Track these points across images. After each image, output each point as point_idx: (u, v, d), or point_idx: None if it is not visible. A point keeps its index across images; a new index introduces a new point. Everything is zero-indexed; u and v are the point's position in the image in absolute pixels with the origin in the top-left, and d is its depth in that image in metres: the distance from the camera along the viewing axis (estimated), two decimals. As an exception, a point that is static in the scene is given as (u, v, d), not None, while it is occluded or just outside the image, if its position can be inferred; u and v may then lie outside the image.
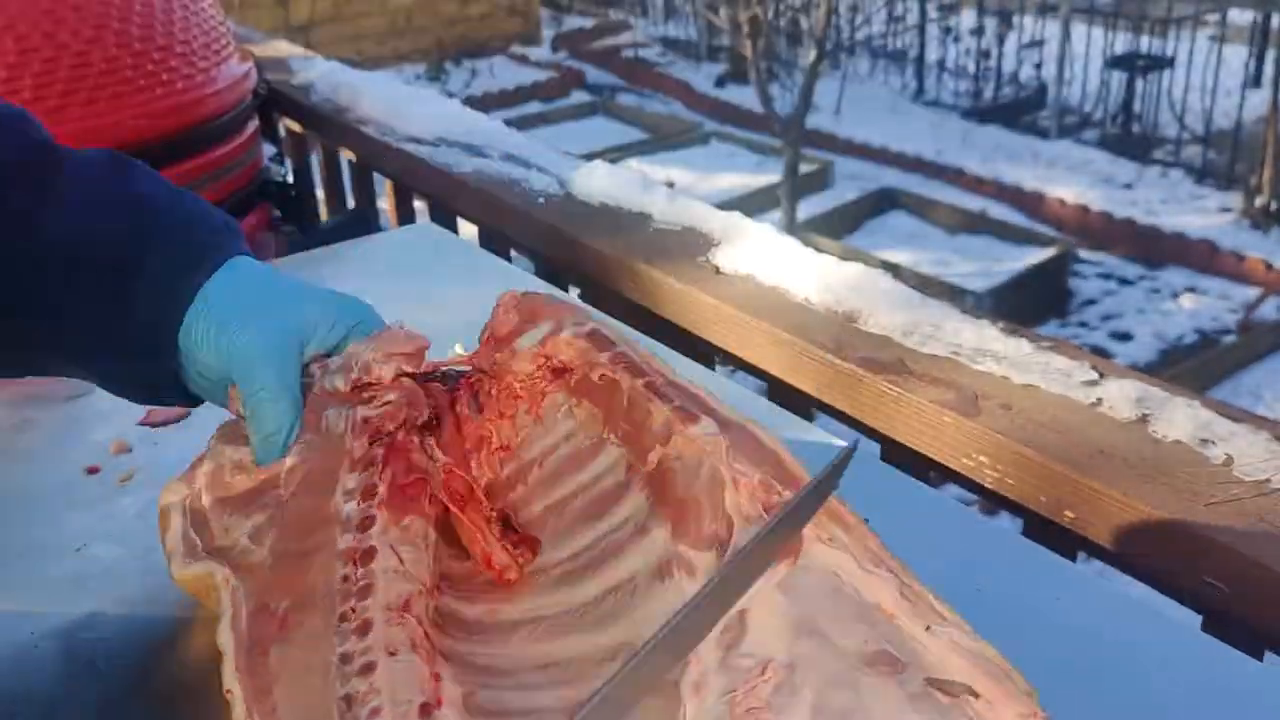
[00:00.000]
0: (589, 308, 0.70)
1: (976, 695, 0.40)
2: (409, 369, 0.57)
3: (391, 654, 0.45)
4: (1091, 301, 4.90)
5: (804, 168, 5.66)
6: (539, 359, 0.57)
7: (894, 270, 1.24)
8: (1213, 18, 6.38)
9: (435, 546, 0.52)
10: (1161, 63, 6.26)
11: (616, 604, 0.49)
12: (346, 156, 1.73)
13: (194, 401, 0.60)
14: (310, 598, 0.48)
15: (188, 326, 0.54)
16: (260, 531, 0.52)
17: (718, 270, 1.05)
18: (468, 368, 0.59)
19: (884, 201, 5.76)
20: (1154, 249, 5.24)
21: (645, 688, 0.42)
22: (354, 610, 0.47)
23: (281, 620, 0.48)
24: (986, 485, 0.80)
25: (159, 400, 0.60)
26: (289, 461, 0.54)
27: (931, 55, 7.38)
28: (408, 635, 0.46)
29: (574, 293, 1.24)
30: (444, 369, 0.59)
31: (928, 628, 0.43)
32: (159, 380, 0.57)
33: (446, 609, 0.51)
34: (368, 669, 0.44)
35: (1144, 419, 0.78)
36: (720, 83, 7.68)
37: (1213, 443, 0.75)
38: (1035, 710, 0.39)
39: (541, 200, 1.25)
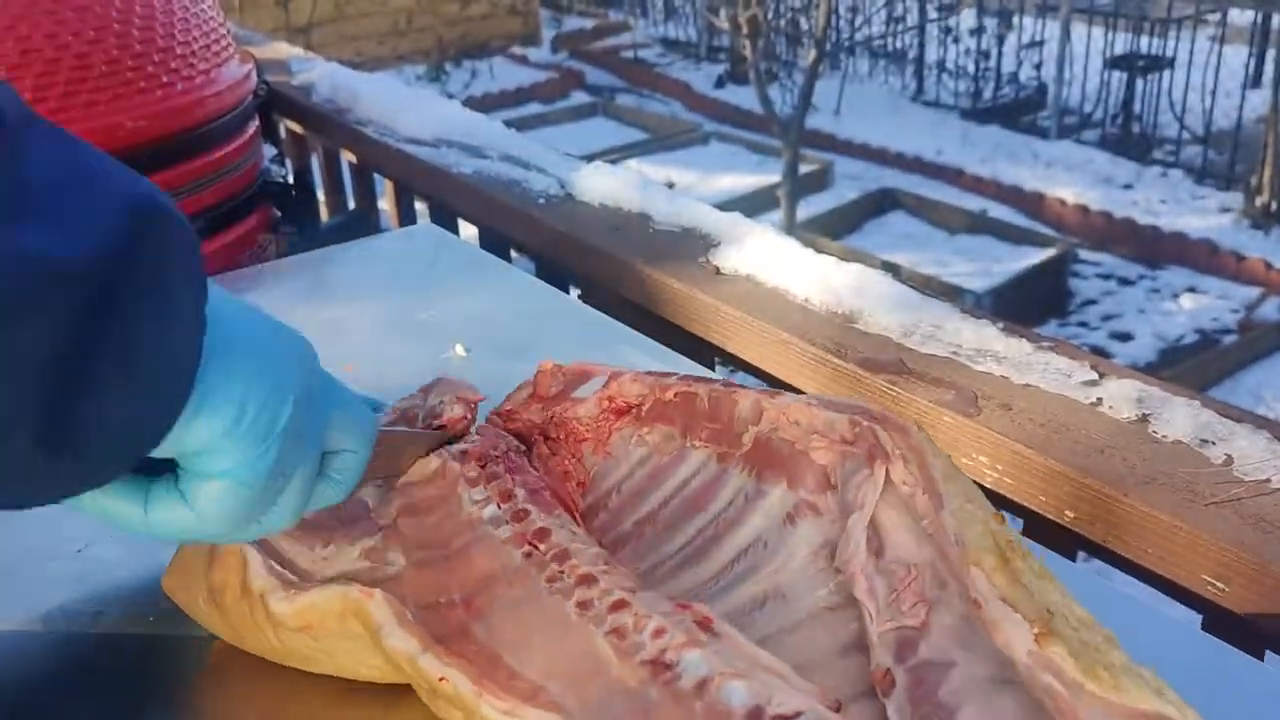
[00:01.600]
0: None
1: None
2: (471, 415, 0.58)
3: (630, 591, 0.45)
4: (1091, 301, 4.90)
5: (804, 168, 5.66)
6: (602, 402, 0.59)
7: (894, 271, 1.24)
8: (1213, 18, 6.37)
9: None
10: (1161, 63, 6.26)
11: (750, 562, 0.52)
12: (347, 158, 1.73)
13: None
14: (490, 581, 0.48)
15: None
16: (375, 552, 0.52)
17: (718, 271, 1.05)
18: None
19: (884, 202, 5.76)
20: (1154, 249, 5.24)
21: None
22: (562, 573, 0.47)
23: (466, 605, 0.48)
24: (986, 485, 0.80)
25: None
26: (370, 502, 0.54)
27: (931, 55, 7.37)
28: (627, 577, 0.47)
29: (574, 293, 1.24)
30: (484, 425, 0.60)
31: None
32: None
33: None
34: (619, 605, 0.45)
35: (1144, 419, 0.78)
36: (720, 83, 7.68)
37: (1213, 443, 0.75)
38: None
39: (542, 201, 1.25)
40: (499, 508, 0.51)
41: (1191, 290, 4.93)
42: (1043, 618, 0.42)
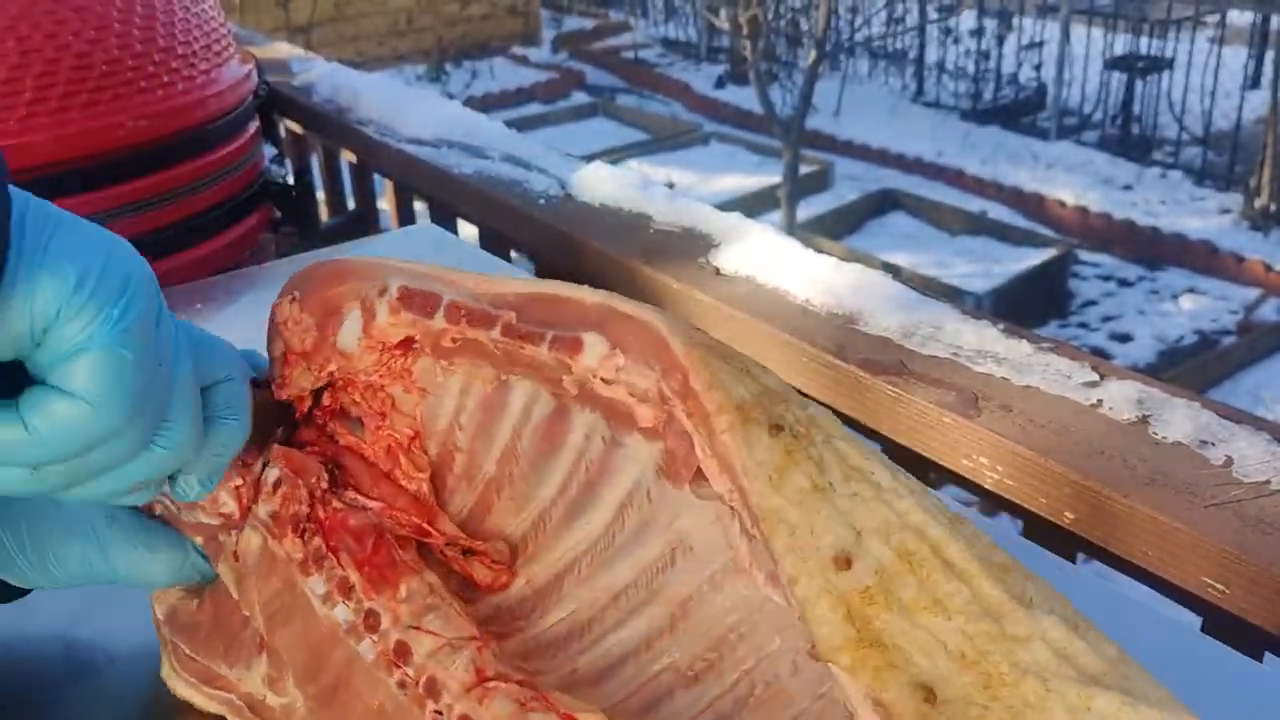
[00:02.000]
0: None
1: None
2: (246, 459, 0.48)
3: None
4: (1091, 303, 4.91)
5: (804, 169, 5.66)
6: (375, 348, 0.48)
7: (895, 272, 1.24)
8: (1212, 19, 6.38)
9: (445, 581, 0.47)
10: (1161, 64, 6.27)
11: (640, 515, 0.46)
12: (347, 157, 1.73)
13: None
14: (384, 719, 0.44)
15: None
16: (275, 681, 0.47)
17: (718, 271, 1.05)
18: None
19: (884, 202, 5.77)
20: (1154, 250, 5.25)
21: None
22: (440, 714, 0.42)
23: None
24: (986, 486, 0.80)
25: None
26: (233, 592, 0.48)
27: (931, 56, 7.38)
28: (508, 699, 0.41)
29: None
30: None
31: None
32: None
33: (491, 612, 0.47)
34: None
35: (1144, 420, 0.78)
36: (720, 84, 7.68)
37: (1212, 444, 0.75)
38: None
39: (542, 201, 1.25)
40: (347, 606, 0.45)
41: (1191, 291, 4.94)
42: (919, 714, 0.36)
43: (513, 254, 1.36)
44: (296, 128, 1.80)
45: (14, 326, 0.35)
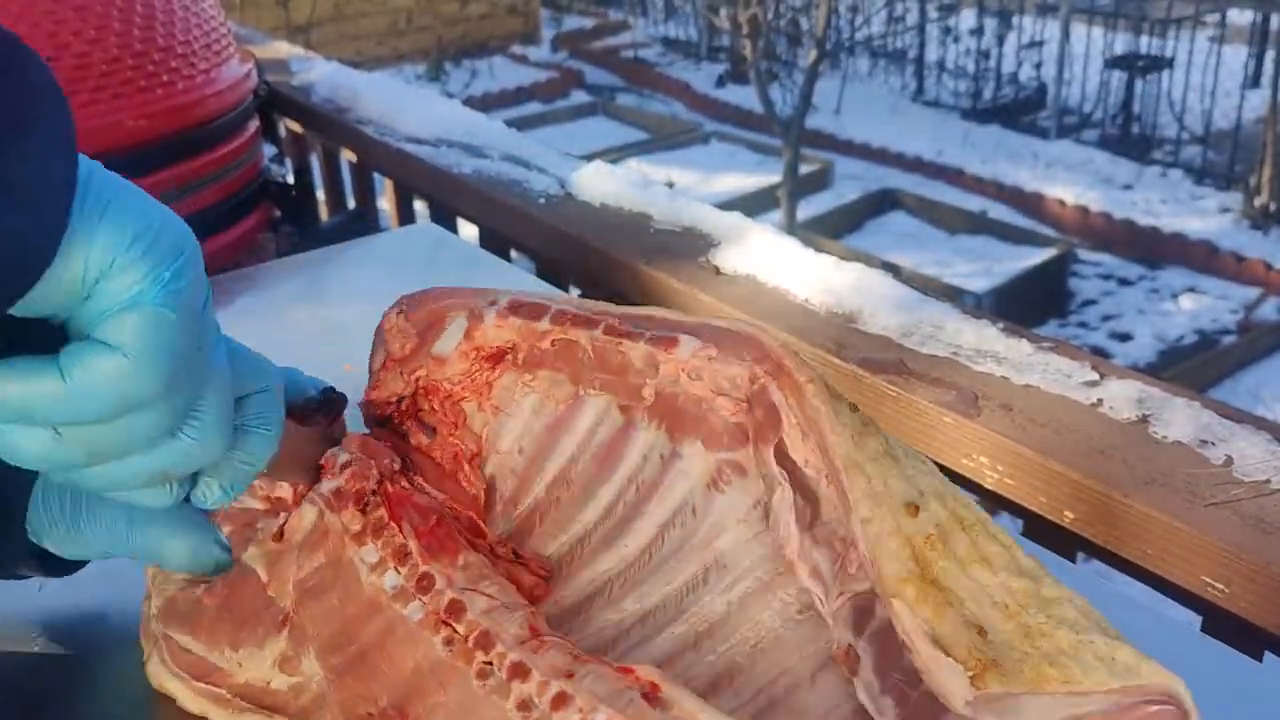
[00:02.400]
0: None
1: None
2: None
3: (568, 676, 0.41)
4: (1091, 302, 4.90)
5: (804, 168, 5.66)
6: (469, 354, 0.51)
7: (895, 271, 1.24)
8: (1212, 18, 6.38)
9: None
10: (1161, 63, 6.27)
11: (681, 531, 0.48)
12: (347, 157, 1.73)
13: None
14: (418, 681, 0.44)
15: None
16: (289, 661, 0.47)
17: (718, 271, 1.05)
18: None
19: (884, 202, 5.76)
20: (1154, 249, 5.24)
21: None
22: (490, 664, 0.43)
23: (400, 715, 0.44)
24: (987, 486, 0.80)
25: None
26: (262, 574, 0.48)
27: (931, 55, 7.37)
28: (564, 653, 0.42)
29: (574, 293, 1.24)
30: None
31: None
32: None
33: None
34: (562, 700, 0.41)
35: (1144, 419, 0.78)
36: (720, 83, 7.68)
37: (1212, 443, 0.75)
38: None
39: (542, 200, 1.25)
40: (398, 573, 0.46)
41: (1191, 291, 4.94)
42: (976, 652, 0.38)
43: (513, 254, 1.36)
44: (296, 127, 1.80)
45: (68, 273, 0.36)
